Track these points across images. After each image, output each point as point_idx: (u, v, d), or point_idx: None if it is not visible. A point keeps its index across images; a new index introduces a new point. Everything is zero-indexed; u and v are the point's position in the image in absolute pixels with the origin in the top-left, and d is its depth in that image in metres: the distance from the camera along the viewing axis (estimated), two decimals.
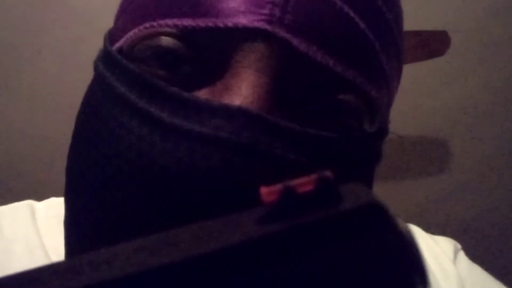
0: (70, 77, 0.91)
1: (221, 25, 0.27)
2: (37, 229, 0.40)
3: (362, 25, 0.28)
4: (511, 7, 1.00)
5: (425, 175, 1.06)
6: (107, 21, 0.34)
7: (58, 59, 0.91)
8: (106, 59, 0.30)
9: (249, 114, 0.26)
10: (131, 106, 0.27)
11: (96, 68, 0.31)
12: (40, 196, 0.47)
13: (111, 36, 0.32)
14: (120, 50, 0.30)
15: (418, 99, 1.02)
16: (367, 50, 0.29)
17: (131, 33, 0.30)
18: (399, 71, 0.34)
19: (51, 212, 0.43)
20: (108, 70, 0.29)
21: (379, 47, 0.30)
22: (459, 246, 0.48)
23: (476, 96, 1.03)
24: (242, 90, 0.26)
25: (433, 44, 0.89)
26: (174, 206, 0.25)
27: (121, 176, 0.27)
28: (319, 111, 0.29)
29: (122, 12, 0.33)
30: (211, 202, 0.25)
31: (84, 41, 0.89)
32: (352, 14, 0.28)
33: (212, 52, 0.28)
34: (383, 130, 0.32)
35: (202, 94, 0.27)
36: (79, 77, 0.92)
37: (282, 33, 0.26)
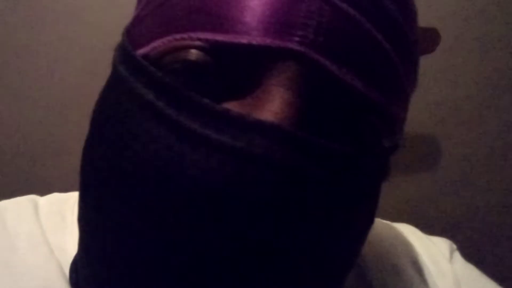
0: (61, 74, 0.90)
1: (254, 43, 0.27)
2: (40, 225, 0.40)
3: (388, 46, 0.29)
4: (501, 4, 1.00)
5: (415, 172, 1.06)
6: (97, 17, 0.34)
7: (49, 56, 0.90)
8: (130, 64, 0.30)
9: (283, 130, 0.26)
10: (159, 114, 0.27)
11: (117, 71, 0.31)
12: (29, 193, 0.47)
13: (132, 38, 0.32)
14: (145, 57, 0.30)
15: None
16: (392, 72, 0.30)
17: (159, 42, 0.30)
18: (415, 84, 0.36)
19: (53, 208, 0.43)
20: (133, 76, 0.29)
21: (401, 68, 0.31)
22: (454, 246, 0.49)
23: (466, 94, 1.04)
24: (274, 106, 0.27)
25: (423, 41, 0.89)
26: (202, 217, 0.25)
27: (147, 184, 0.27)
28: (342, 129, 0.30)
29: (145, 16, 0.32)
30: (242, 216, 0.25)
31: (75, 38, 0.89)
32: (379, 37, 0.29)
33: (243, 68, 0.28)
34: (398, 145, 0.33)
35: (230, 107, 0.28)
36: (71, 74, 0.91)
37: (314, 54, 0.27)
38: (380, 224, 0.49)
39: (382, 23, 0.29)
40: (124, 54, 0.31)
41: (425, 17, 0.97)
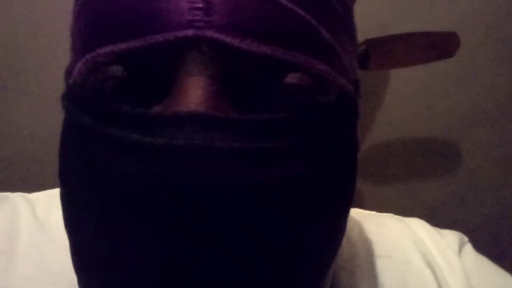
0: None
1: (153, 41, 0.27)
2: None
3: (290, 5, 0.29)
4: None
5: (436, 176, 1.05)
6: None
7: (64, 59, 0.92)
8: (66, 93, 0.32)
9: (198, 116, 0.26)
10: (94, 133, 0.28)
11: (62, 104, 0.32)
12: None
13: (67, 70, 0.34)
14: (75, 83, 0.31)
15: (429, 100, 1.02)
16: (302, 28, 0.30)
17: (78, 67, 0.31)
18: (349, 35, 0.34)
19: None
20: (70, 103, 0.31)
21: (315, 21, 0.30)
22: (465, 239, 0.48)
23: (486, 97, 1.03)
24: (189, 96, 0.27)
25: (443, 45, 0.89)
26: (151, 221, 0.26)
27: (103, 203, 0.28)
28: (270, 97, 0.29)
29: (70, 45, 0.34)
30: (186, 210, 0.26)
31: None
32: None
33: (155, 69, 0.29)
34: (342, 97, 0.32)
35: (156, 109, 0.28)
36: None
37: (211, 34, 0.27)
38: (389, 218, 0.49)
39: None
40: (65, 88, 0.33)
41: (445, 21, 0.97)
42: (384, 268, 0.42)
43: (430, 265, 0.43)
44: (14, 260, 0.37)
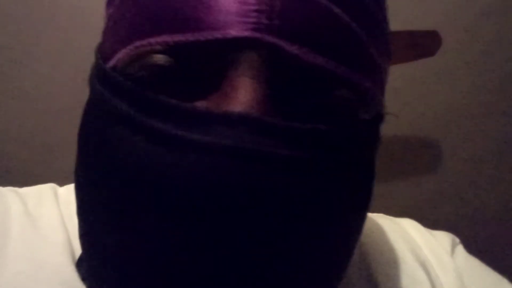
0: (62, 78, 0.90)
1: (211, 37, 0.27)
2: (59, 210, 0.41)
3: (348, 19, 0.29)
4: (502, 7, 1.00)
5: (416, 175, 1.06)
6: (99, 22, 0.34)
7: (49, 60, 0.90)
8: (102, 77, 0.31)
9: (250, 119, 0.26)
10: (134, 122, 0.28)
11: (93, 86, 0.32)
12: None
13: (102, 53, 0.33)
14: (114, 68, 0.31)
15: (409, 99, 1.02)
16: (356, 44, 0.30)
17: (122, 53, 0.30)
18: (388, 56, 0.36)
19: (71, 197, 0.44)
20: (105, 88, 0.30)
21: (366, 38, 0.31)
22: (457, 240, 0.49)
23: (467, 96, 1.04)
24: (240, 97, 0.27)
25: (424, 44, 0.89)
26: (186, 218, 0.26)
27: (132, 194, 0.27)
28: (315, 108, 0.30)
29: (109, 29, 0.33)
30: (224, 210, 0.25)
31: (75, 41, 0.89)
32: (336, 10, 0.29)
33: (206, 64, 0.28)
34: (378, 116, 0.33)
35: (200, 105, 0.28)
36: (70, 78, 0.91)
37: (271, 39, 0.27)
38: (382, 218, 0.49)
39: None
40: (97, 69, 0.32)
41: (427, 20, 0.97)
42: (377, 268, 0.43)
43: (423, 265, 0.43)
44: (5, 256, 0.36)
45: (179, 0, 0.28)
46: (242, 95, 0.27)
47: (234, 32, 0.27)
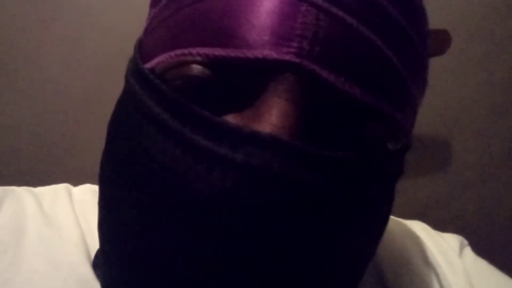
0: (70, 75, 0.91)
1: (251, 56, 0.28)
2: (73, 210, 0.42)
3: (390, 54, 0.29)
4: None
5: (426, 174, 1.05)
6: (108, 19, 0.34)
7: (57, 57, 0.91)
8: (139, 76, 0.31)
9: (280, 142, 0.26)
10: (166, 127, 0.28)
11: (128, 83, 0.32)
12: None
13: (142, 50, 0.33)
14: (151, 71, 0.31)
15: None
16: (395, 79, 0.30)
17: (162, 57, 0.31)
18: (425, 86, 0.36)
19: (85, 197, 0.45)
20: (141, 88, 0.30)
21: (406, 73, 0.31)
22: (465, 242, 0.49)
23: (478, 95, 1.03)
24: (272, 118, 0.27)
25: (434, 42, 0.89)
26: (204, 228, 0.26)
27: (155, 195, 0.27)
28: (345, 137, 0.30)
29: (154, 29, 0.33)
30: (241, 228, 0.26)
31: (84, 39, 0.89)
32: (379, 43, 0.29)
33: (242, 81, 0.29)
34: (405, 147, 0.33)
35: (231, 119, 0.28)
36: (79, 76, 0.92)
37: (310, 65, 0.27)
38: (391, 221, 0.49)
39: (383, 29, 0.29)
40: (135, 67, 0.32)
41: (436, 18, 0.97)
42: (386, 269, 0.43)
43: (432, 266, 0.44)
44: (21, 255, 0.37)
45: (224, 15, 0.28)
46: (274, 116, 0.27)
47: (275, 54, 0.27)
